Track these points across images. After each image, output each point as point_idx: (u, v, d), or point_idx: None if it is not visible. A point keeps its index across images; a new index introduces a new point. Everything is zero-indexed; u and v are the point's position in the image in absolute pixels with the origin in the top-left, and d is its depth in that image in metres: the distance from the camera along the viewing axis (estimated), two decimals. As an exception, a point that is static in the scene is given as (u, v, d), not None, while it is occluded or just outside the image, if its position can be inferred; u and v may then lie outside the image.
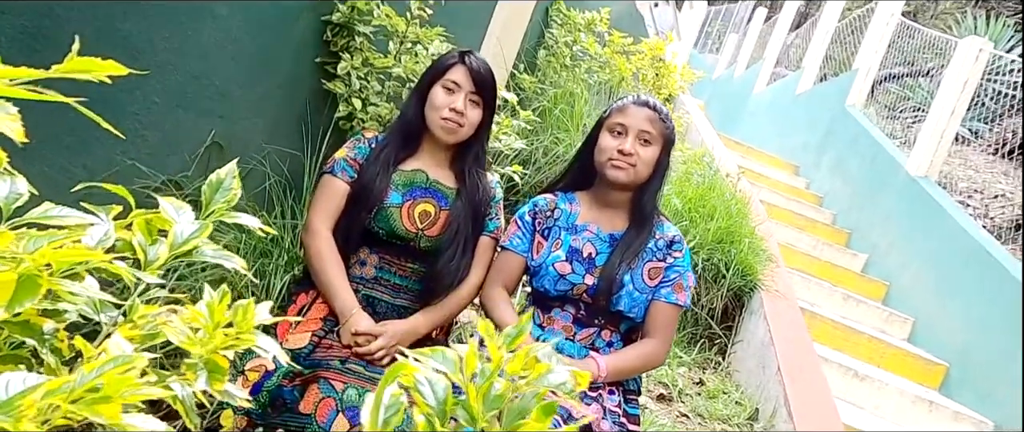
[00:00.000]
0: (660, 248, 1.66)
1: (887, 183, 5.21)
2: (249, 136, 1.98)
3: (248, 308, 0.60)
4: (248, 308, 0.60)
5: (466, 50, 1.78)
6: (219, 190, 0.76)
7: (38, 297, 0.47)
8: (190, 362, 0.56)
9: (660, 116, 1.62)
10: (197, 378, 0.55)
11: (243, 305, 0.60)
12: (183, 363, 0.56)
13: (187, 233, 0.70)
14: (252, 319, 0.60)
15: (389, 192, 1.67)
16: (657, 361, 1.65)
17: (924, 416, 3.25)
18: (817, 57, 8.12)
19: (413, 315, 1.68)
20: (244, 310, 0.60)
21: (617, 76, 3.81)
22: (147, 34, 1.57)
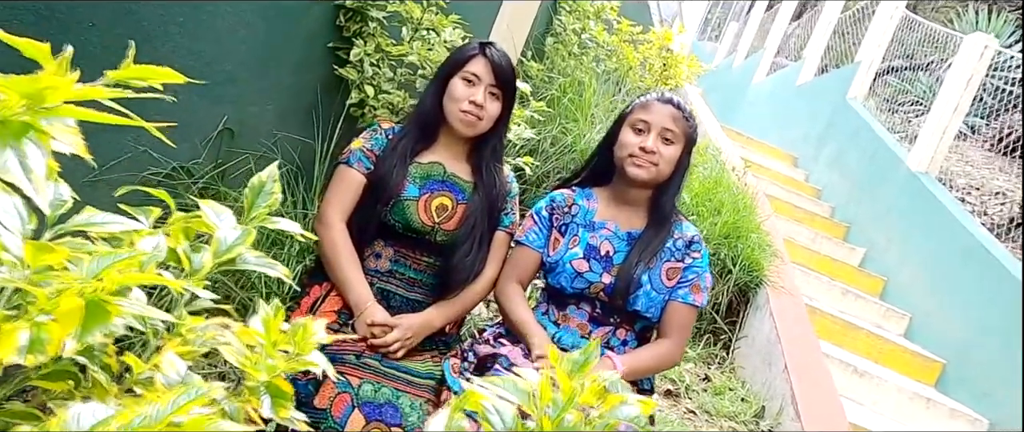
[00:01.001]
0: (679, 248, 1.65)
1: (887, 178, 5.22)
2: (260, 122, 1.95)
3: (307, 327, 0.58)
4: (307, 327, 0.58)
5: (487, 41, 1.74)
6: (261, 194, 0.73)
7: (109, 326, 0.45)
8: (252, 386, 0.54)
9: (684, 115, 1.60)
10: (261, 404, 0.53)
11: (303, 323, 0.58)
12: (244, 387, 0.54)
13: (230, 240, 0.68)
14: (312, 338, 0.58)
15: (406, 185, 1.65)
16: (672, 362, 1.65)
17: (921, 413, 3.28)
18: (819, 48, 8.09)
19: (428, 309, 1.66)
20: (304, 329, 0.58)
21: (624, 65, 3.78)
22: (161, 17, 1.53)
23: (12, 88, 0.42)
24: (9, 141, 0.40)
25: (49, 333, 0.42)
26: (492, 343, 1.64)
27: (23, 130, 0.41)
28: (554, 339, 1.62)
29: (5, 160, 0.40)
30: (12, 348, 0.41)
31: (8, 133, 0.40)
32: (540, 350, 1.55)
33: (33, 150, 0.42)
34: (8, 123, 0.40)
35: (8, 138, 0.40)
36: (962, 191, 5.68)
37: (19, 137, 0.40)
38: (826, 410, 2.27)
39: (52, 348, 0.42)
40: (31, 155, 0.41)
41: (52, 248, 0.49)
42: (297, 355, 0.57)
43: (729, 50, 12.20)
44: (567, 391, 0.57)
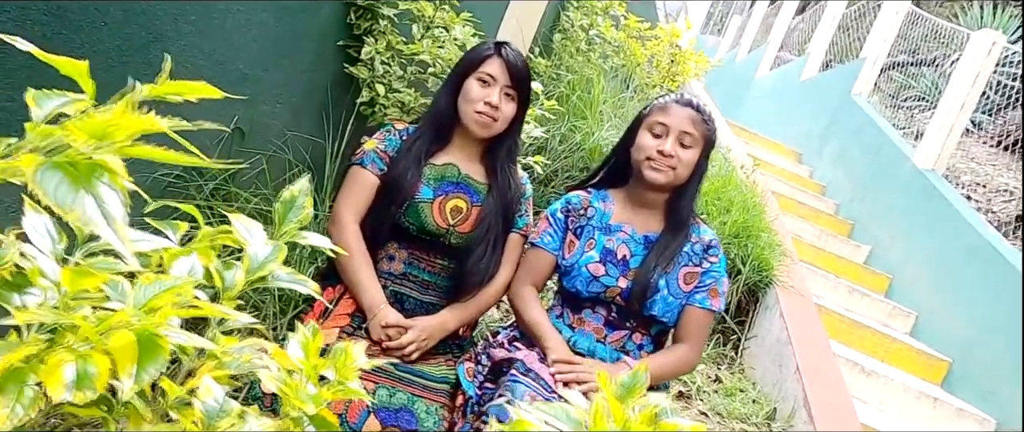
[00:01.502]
0: (697, 252, 1.63)
1: (893, 175, 5.20)
2: (270, 122, 1.93)
3: (348, 352, 0.56)
4: (348, 352, 0.56)
5: (502, 42, 1.72)
6: (292, 208, 0.71)
7: (164, 362, 0.43)
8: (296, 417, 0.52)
9: (703, 117, 1.58)
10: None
11: (343, 348, 0.56)
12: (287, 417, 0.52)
13: (262, 256, 0.66)
14: (354, 364, 0.56)
15: (420, 186, 1.63)
16: (689, 367, 1.63)
17: (928, 412, 3.27)
18: (823, 44, 8.05)
19: (442, 311, 1.65)
20: (345, 354, 0.56)
21: (632, 62, 3.75)
22: (173, 17, 1.51)
23: (81, 129, 0.39)
24: (83, 185, 0.37)
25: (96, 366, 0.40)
26: (507, 347, 1.62)
27: (95, 172, 0.39)
28: (569, 343, 1.61)
29: (84, 208, 0.37)
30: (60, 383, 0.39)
31: (80, 176, 0.37)
32: (556, 354, 1.54)
33: (108, 193, 0.39)
34: (78, 164, 0.38)
35: (81, 182, 0.37)
36: (967, 188, 5.66)
37: (91, 179, 0.38)
38: (839, 412, 2.26)
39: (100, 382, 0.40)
40: (107, 199, 0.39)
41: (90, 272, 0.47)
42: (339, 383, 0.56)
43: (732, 44, 12.16)
44: (619, 418, 0.55)
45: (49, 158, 0.37)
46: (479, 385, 1.59)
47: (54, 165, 0.37)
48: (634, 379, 0.60)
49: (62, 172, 0.37)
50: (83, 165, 0.38)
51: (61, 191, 0.36)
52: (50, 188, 0.36)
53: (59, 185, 0.36)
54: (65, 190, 0.37)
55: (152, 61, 1.50)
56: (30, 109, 0.50)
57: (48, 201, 0.36)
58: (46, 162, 0.37)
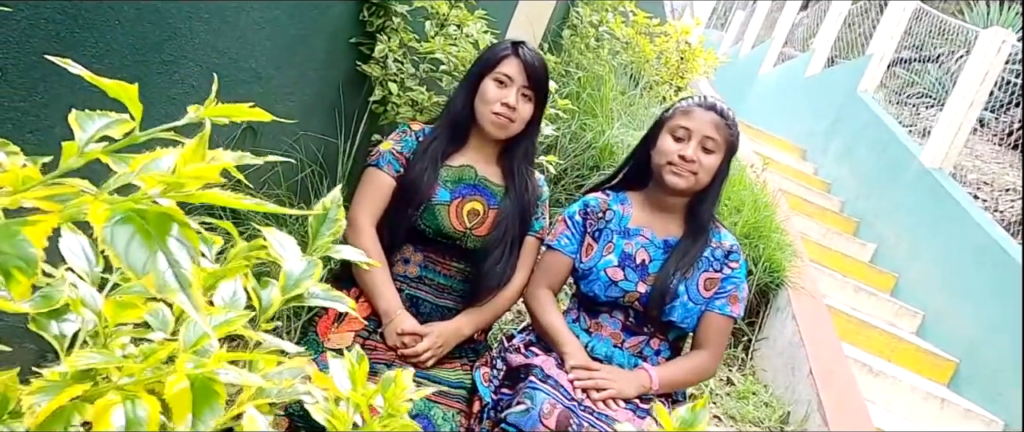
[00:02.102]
0: (717, 258, 1.61)
1: (899, 173, 5.18)
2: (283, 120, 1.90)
3: (399, 380, 0.54)
4: (399, 380, 0.54)
5: (519, 41, 1.69)
6: (325, 222, 0.69)
7: (220, 409, 0.41)
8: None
9: (726, 122, 1.55)
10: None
11: (393, 377, 0.54)
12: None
13: (298, 273, 0.64)
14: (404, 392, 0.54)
15: (437, 189, 1.61)
16: (708, 374, 1.61)
17: (935, 413, 3.26)
18: (828, 40, 8.01)
19: (458, 316, 1.63)
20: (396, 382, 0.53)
21: (641, 58, 3.72)
22: (186, 15, 1.48)
23: (154, 181, 0.36)
24: (156, 243, 0.34)
25: (146, 408, 0.38)
26: (524, 352, 1.60)
27: (167, 225, 0.36)
28: (587, 348, 1.59)
29: (159, 271, 0.34)
30: (109, 428, 0.37)
31: (153, 232, 0.34)
32: (574, 360, 1.52)
33: (180, 251, 0.36)
34: (148, 216, 0.35)
35: (153, 241, 0.34)
36: (973, 187, 5.64)
37: (164, 236, 0.35)
38: (853, 416, 2.25)
39: (152, 425, 0.38)
40: (180, 258, 0.36)
41: (133, 304, 0.45)
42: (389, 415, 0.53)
43: (735, 39, 12.11)
44: (681, 457, 0.53)
45: (115, 204, 0.34)
46: (495, 389, 1.57)
47: (126, 219, 0.34)
48: (693, 416, 0.58)
49: (133, 226, 0.34)
50: (153, 217, 0.35)
51: (133, 251, 0.33)
52: (121, 246, 0.33)
53: (131, 243, 0.34)
54: (137, 250, 0.34)
55: (166, 60, 1.47)
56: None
57: (119, 262, 0.33)
58: (115, 211, 0.34)
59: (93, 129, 0.45)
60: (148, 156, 0.41)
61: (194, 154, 0.39)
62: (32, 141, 1.27)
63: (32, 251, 0.31)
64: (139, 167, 0.39)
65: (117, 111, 0.65)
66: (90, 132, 0.45)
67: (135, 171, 0.38)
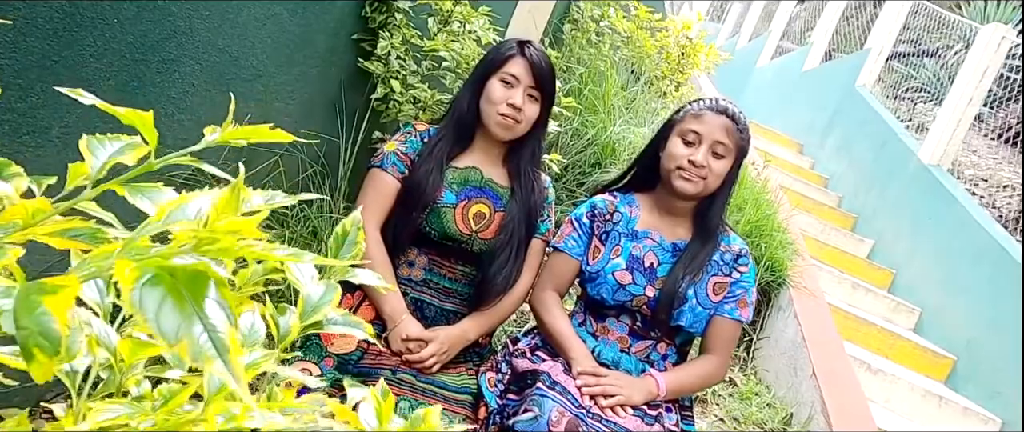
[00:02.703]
0: (726, 262, 1.59)
1: (897, 169, 5.18)
2: (283, 118, 1.87)
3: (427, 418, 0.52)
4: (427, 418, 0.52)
5: (525, 40, 1.66)
6: (345, 244, 0.66)
7: None
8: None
9: (738, 126, 1.52)
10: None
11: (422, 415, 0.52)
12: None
13: (316, 298, 0.61)
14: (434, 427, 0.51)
15: (443, 191, 1.58)
16: (717, 379, 1.60)
17: (933, 411, 3.27)
18: (826, 33, 7.99)
19: (463, 320, 1.61)
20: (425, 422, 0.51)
21: (642, 53, 3.68)
22: (187, 13, 1.45)
23: (186, 236, 0.33)
24: (190, 309, 0.31)
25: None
26: (530, 356, 1.58)
27: (201, 287, 0.32)
28: (593, 353, 1.57)
29: (193, 339, 0.31)
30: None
31: (186, 295, 0.31)
32: (581, 366, 1.50)
33: (217, 313, 0.32)
34: (179, 274, 0.31)
35: (187, 306, 0.31)
36: (970, 182, 5.65)
37: (198, 295, 0.32)
38: (856, 418, 2.24)
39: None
40: (216, 321, 0.32)
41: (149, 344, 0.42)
42: (418, 456, 0.51)
43: (732, 32, 12.07)
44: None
45: (143, 261, 0.31)
46: (500, 394, 1.55)
47: (156, 278, 0.31)
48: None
49: (164, 287, 0.31)
50: (186, 276, 0.32)
51: (165, 317, 0.30)
52: (151, 311, 0.30)
53: (162, 307, 0.30)
54: (169, 315, 0.30)
55: (167, 58, 1.44)
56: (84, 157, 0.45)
57: (149, 328, 0.30)
58: (144, 270, 0.31)
59: (105, 156, 0.42)
60: (175, 202, 0.38)
61: (228, 204, 0.36)
62: (29, 144, 1.24)
63: (55, 328, 0.28)
64: (166, 215, 0.36)
65: (112, 99, 0.62)
66: (102, 159, 0.42)
67: (162, 219, 0.36)
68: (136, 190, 0.41)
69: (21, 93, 1.20)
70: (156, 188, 0.42)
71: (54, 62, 1.22)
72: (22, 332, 0.28)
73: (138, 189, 0.41)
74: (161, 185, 0.43)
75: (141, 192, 0.41)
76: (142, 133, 0.43)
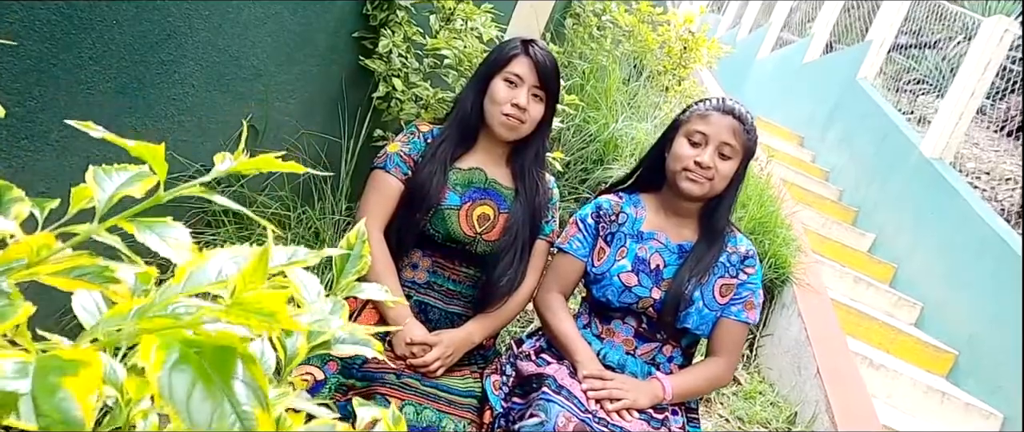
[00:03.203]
0: (733, 263, 1.58)
1: (899, 162, 5.16)
2: (284, 118, 1.85)
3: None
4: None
5: (529, 39, 1.64)
6: (351, 259, 0.65)
7: None
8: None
9: (744, 127, 1.51)
10: None
11: None
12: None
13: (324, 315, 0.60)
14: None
15: (446, 193, 1.56)
16: (723, 382, 1.59)
17: (936, 407, 3.27)
18: (827, 25, 7.95)
19: (467, 323, 1.59)
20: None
21: (643, 48, 3.66)
22: (186, 13, 1.42)
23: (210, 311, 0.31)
24: (220, 392, 0.29)
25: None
26: (535, 359, 1.57)
27: (230, 365, 0.30)
28: (599, 355, 1.56)
29: (228, 420, 0.28)
30: None
31: (215, 376, 0.28)
32: (587, 369, 1.49)
33: (246, 394, 0.30)
34: (206, 351, 0.29)
35: (217, 389, 0.28)
36: (972, 176, 5.63)
37: (226, 376, 0.29)
38: (861, 417, 2.24)
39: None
40: (247, 407, 0.30)
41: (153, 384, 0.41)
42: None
43: (732, 23, 12.02)
44: None
45: (167, 337, 0.29)
46: (505, 397, 1.54)
47: (182, 359, 0.29)
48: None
49: (192, 370, 0.28)
50: (212, 354, 0.30)
51: (196, 405, 0.28)
52: (181, 399, 0.28)
53: (193, 394, 0.28)
54: (201, 402, 0.28)
55: (166, 59, 1.42)
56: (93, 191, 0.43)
57: (179, 417, 0.28)
58: (170, 349, 0.29)
59: (112, 188, 0.41)
60: (194, 262, 0.36)
61: (255, 273, 0.34)
62: (28, 148, 1.22)
63: (79, 415, 0.26)
64: (185, 277, 0.34)
65: (111, 102, 0.60)
66: (109, 192, 0.40)
67: (181, 282, 0.34)
68: (144, 226, 0.39)
69: (19, 98, 1.18)
70: (164, 223, 0.40)
71: (52, 66, 1.20)
72: (43, 420, 0.26)
73: (146, 225, 0.39)
74: (170, 219, 0.41)
75: (149, 228, 0.39)
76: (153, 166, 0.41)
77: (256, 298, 0.31)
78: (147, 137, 1.45)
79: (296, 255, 0.45)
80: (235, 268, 0.34)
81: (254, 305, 0.30)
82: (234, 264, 0.35)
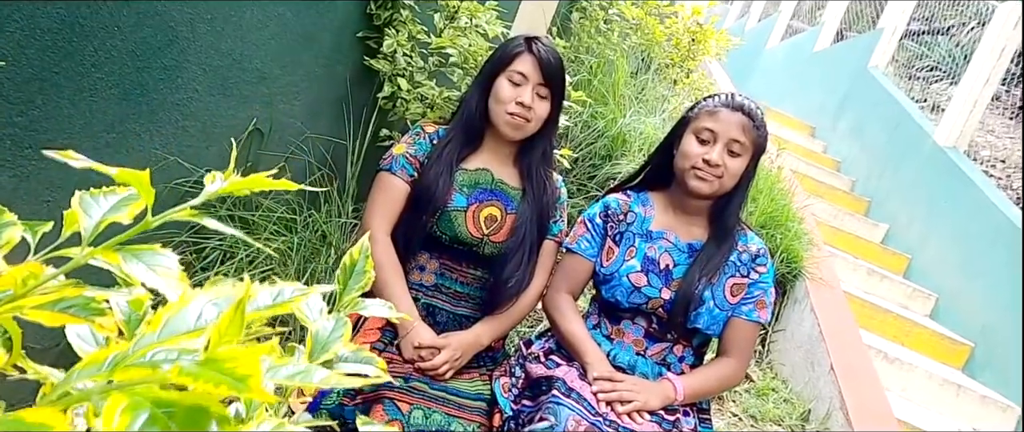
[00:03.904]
0: (744, 262, 1.55)
1: (912, 151, 5.09)
2: (288, 120, 1.84)
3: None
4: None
5: (532, 36, 1.62)
6: (354, 275, 0.64)
7: None
8: None
9: (754, 124, 1.48)
10: None
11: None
12: None
13: (326, 334, 0.59)
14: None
15: (453, 194, 1.55)
16: (735, 382, 1.57)
17: (951, 399, 3.23)
18: (837, 13, 7.86)
19: (476, 325, 1.58)
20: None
21: (651, 41, 3.62)
22: (188, 17, 1.41)
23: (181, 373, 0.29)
24: None
25: None
26: (544, 361, 1.55)
27: (202, 424, 0.28)
28: (609, 356, 1.54)
29: None
30: None
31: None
32: (597, 371, 1.47)
33: None
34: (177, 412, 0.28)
35: None
36: (986, 163, 5.55)
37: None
38: (876, 414, 2.21)
39: None
40: None
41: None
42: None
43: (741, 12, 11.91)
44: None
45: (135, 396, 0.28)
46: (515, 399, 1.53)
47: (151, 422, 0.27)
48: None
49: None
50: (183, 415, 0.28)
51: None
52: None
53: None
54: None
55: (169, 64, 1.41)
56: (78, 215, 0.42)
57: None
58: (137, 408, 0.27)
59: (99, 214, 0.39)
60: (172, 307, 0.34)
61: (232, 327, 0.32)
62: (32, 157, 1.22)
63: None
64: (162, 324, 0.33)
65: (114, 108, 0.59)
66: (96, 218, 0.39)
67: (158, 330, 0.32)
68: (131, 255, 0.38)
69: (22, 107, 1.17)
70: (152, 251, 0.39)
71: (54, 74, 1.19)
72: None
73: (133, 254, 0.38)
74: (158, 246, 0.40)
75: (136, 257, 0.38)
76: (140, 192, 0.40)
77: (230, 355, 0.30)
78: (151, 143, 1.45)
79: (281, 295, 0.44)
80: (215, 313, 0.33)
81: (227, 364, 0.29)
82: (214, 308, 0.34)
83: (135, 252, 0.38)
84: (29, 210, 1.25)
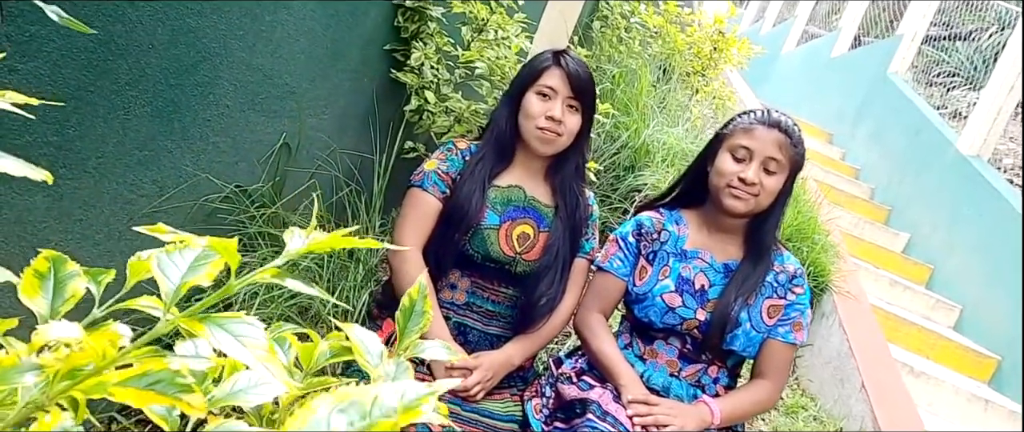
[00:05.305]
0: (781, 283, 1.52)
1: (934, 160, 5.02)
2: (316, 134, 1.83)
3: None
4: None
5: (560, 50, 1.60)
6: (412, 316, 0.62)
7: None
8: None
9: (791, 141, 1.45)
10: None
11: None
12: None
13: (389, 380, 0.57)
14: None
15: (486, 212, 1.53)
16: (770, 404, 1.54)
17: (979, 415, 3.17)
18: (855, 18, 7.79)
19: (507, 345, 1.56)
20: None
21: (672, 49, 3.59)
22: (222, 34, 1.40)
23: None
24: None
25: None
26: (577, 382, 1.53)
27: None
28: (642, 377, 1.52)
29: None
30: None
31: None
32: (632, 394, 1.45)
33: None
34: None
35: None
36: (1010, 172, 5.47)
37: None
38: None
39: None
40: None
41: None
42: None
43: (756, 17, 11.84)
44: None
45: None
46: (546, 420, 1.50)
47: None
48: None
49: None
50: None
51: None
52: None
53: None
54: None
55: (201, 81, 1.40)
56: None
57: None
58: None
59: (178, 276, 0.38)
60: (295, 418, 0.32)
61: None
62: (66, 177, 1.21)
63: None
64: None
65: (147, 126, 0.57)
66: (176, 281, 0.37)
67: None
68: (216, 325, 0.36)
69: (57, 126, 1.16)
70: (237, 319, 0.37)
71: (89, 92, 1.19)
72: None
73: (218, 323, 0.36)
74: (243, 314, 0.38)
75: (221, 326, 0.36)
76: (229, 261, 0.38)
77: None
78: (182, 160, 1.44)
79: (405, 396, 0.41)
80: (343, 423, 0.31)
81: None
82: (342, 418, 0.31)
83: (220, 321, 0.36)
84: (61, 228, 1.24)
